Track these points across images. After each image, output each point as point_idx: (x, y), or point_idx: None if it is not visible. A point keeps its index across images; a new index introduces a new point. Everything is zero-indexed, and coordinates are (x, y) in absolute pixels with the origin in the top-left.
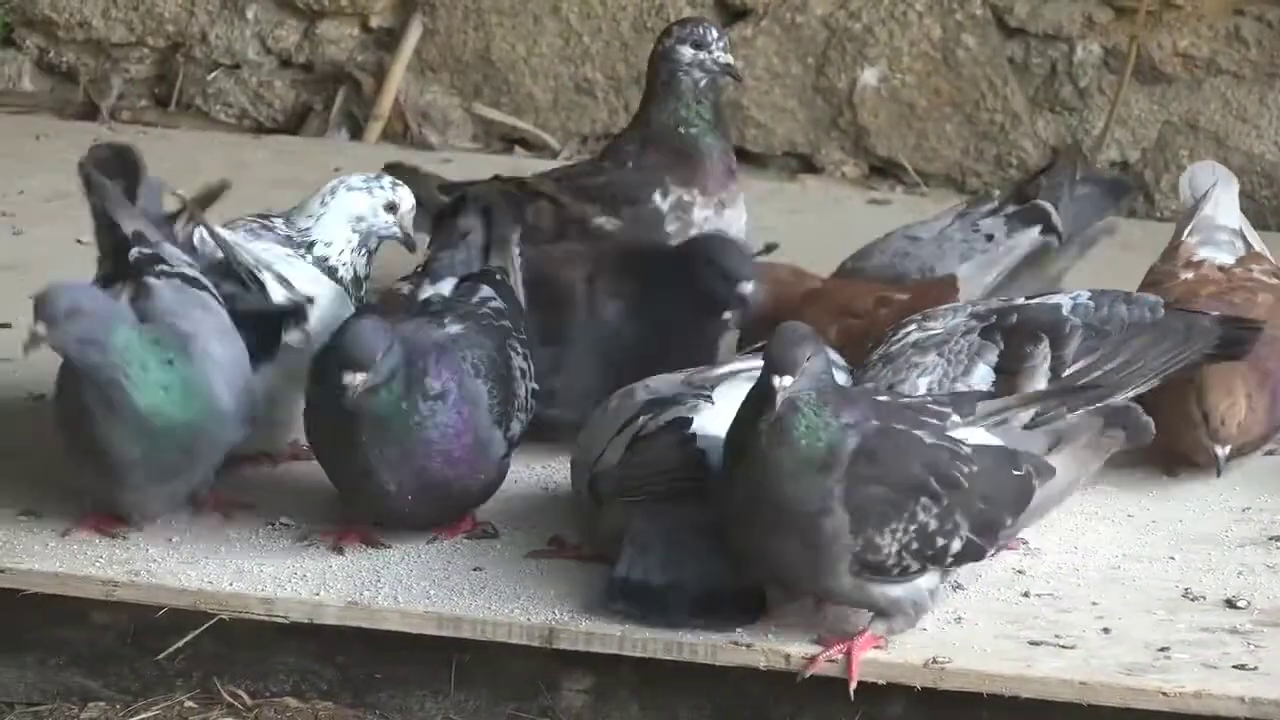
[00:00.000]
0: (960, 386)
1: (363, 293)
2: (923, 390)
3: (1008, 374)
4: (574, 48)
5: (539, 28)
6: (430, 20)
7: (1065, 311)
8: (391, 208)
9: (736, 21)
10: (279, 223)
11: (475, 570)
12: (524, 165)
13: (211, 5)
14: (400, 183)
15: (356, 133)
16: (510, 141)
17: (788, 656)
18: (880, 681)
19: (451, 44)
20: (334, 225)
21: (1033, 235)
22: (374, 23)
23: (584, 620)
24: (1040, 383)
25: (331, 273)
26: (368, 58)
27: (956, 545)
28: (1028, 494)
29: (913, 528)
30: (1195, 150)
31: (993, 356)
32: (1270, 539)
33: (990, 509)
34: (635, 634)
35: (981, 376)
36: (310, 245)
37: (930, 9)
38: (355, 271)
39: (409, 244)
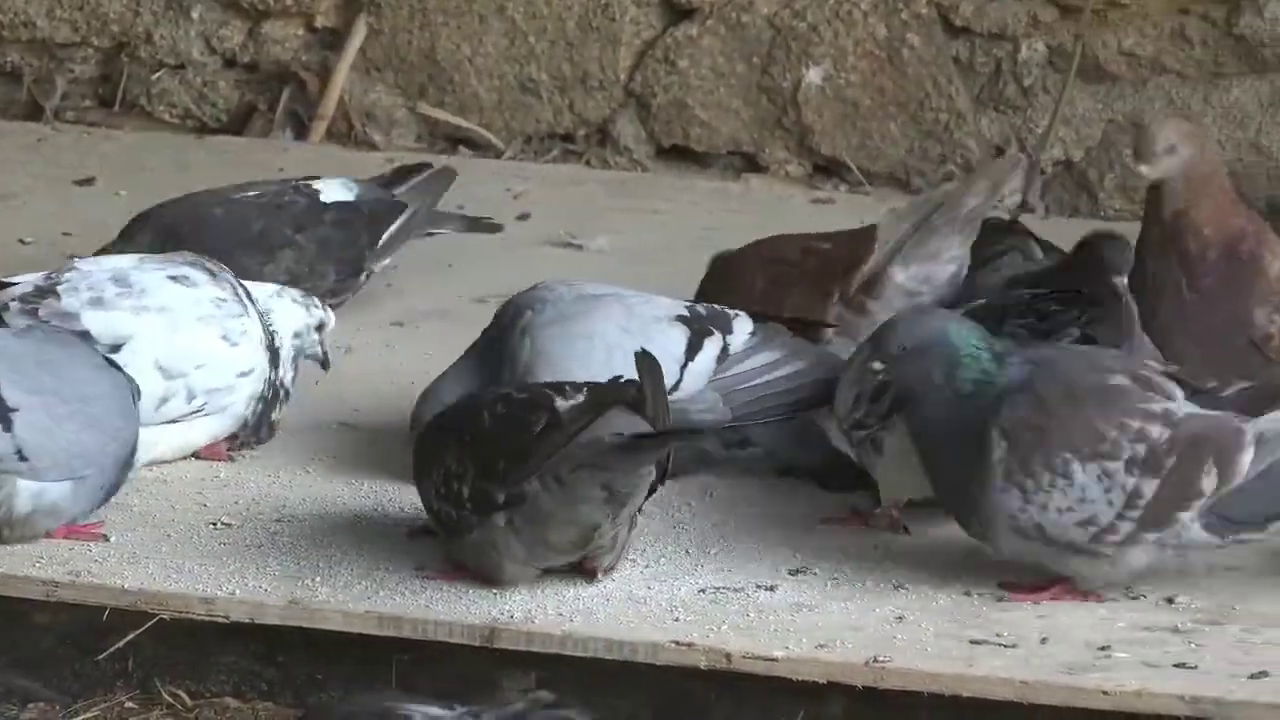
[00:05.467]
0: None
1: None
2: None
3: None
4: (519, 47)
5: (484, 27)
6: (375, 20)
7: None
8: (321, 328)
9: (682, 21)
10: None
11: (418, 570)
12: (468, 165)
13: (156, 5)
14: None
15: (301, 133)
16: (454, 141)
17: (728, 655)
18: (821, 680)
19: (396, 43)
20: (283, 329)
21: (943, 188)
22: (319, 22)
23: (525, 620)
24: None
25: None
26: (312, 57)
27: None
28: None
29: None
30: None
31: None
32: None
33: None
34: (576, 633)
35: None
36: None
37: (875, 8)
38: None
39: (325, 364)
